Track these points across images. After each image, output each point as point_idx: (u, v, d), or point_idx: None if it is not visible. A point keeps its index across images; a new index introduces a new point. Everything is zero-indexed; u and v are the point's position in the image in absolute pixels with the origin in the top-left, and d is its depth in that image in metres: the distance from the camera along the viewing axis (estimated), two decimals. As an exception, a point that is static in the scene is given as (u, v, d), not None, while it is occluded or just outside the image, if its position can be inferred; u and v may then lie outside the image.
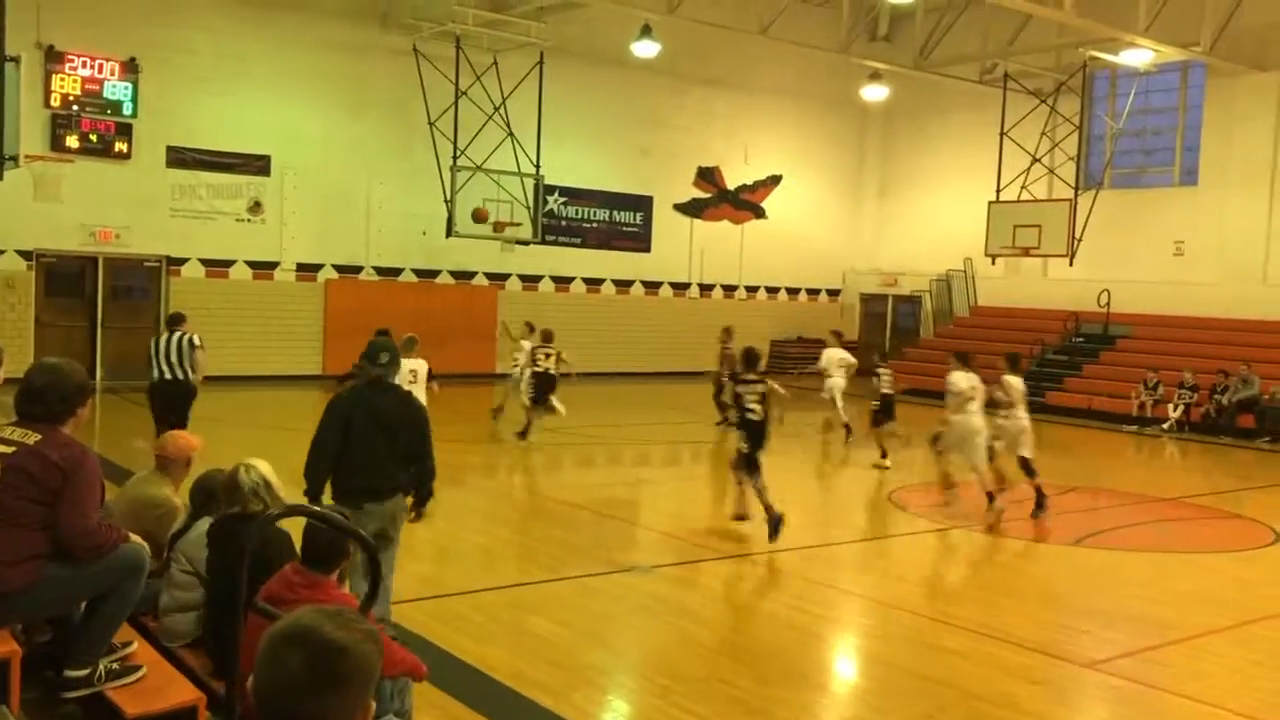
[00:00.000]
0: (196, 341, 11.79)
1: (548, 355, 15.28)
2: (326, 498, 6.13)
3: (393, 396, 6.35)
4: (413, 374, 12.12)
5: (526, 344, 15.85)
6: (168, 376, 11.64)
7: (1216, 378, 19.19)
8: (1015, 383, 11.77)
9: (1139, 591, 8.66)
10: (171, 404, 11.72)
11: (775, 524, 9.59)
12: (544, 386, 15.15)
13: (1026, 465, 11.42)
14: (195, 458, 6.08)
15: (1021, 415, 11.66)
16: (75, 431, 4.54)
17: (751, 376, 10.24)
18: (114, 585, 4.57)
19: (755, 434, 10.00)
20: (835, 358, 16.26)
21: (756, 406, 10.01)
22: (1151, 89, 23.73)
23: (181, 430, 6.31)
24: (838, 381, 16.17)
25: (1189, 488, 14.70)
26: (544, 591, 8.02)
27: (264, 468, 5.11)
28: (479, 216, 20.91)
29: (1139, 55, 20.73)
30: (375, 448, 6.04)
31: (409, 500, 6.34)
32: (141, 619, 5.28)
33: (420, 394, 11.74)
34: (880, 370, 14.97)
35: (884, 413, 14.78)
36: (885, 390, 14.85)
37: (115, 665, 4.63)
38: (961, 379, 11.52)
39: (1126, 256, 23.38)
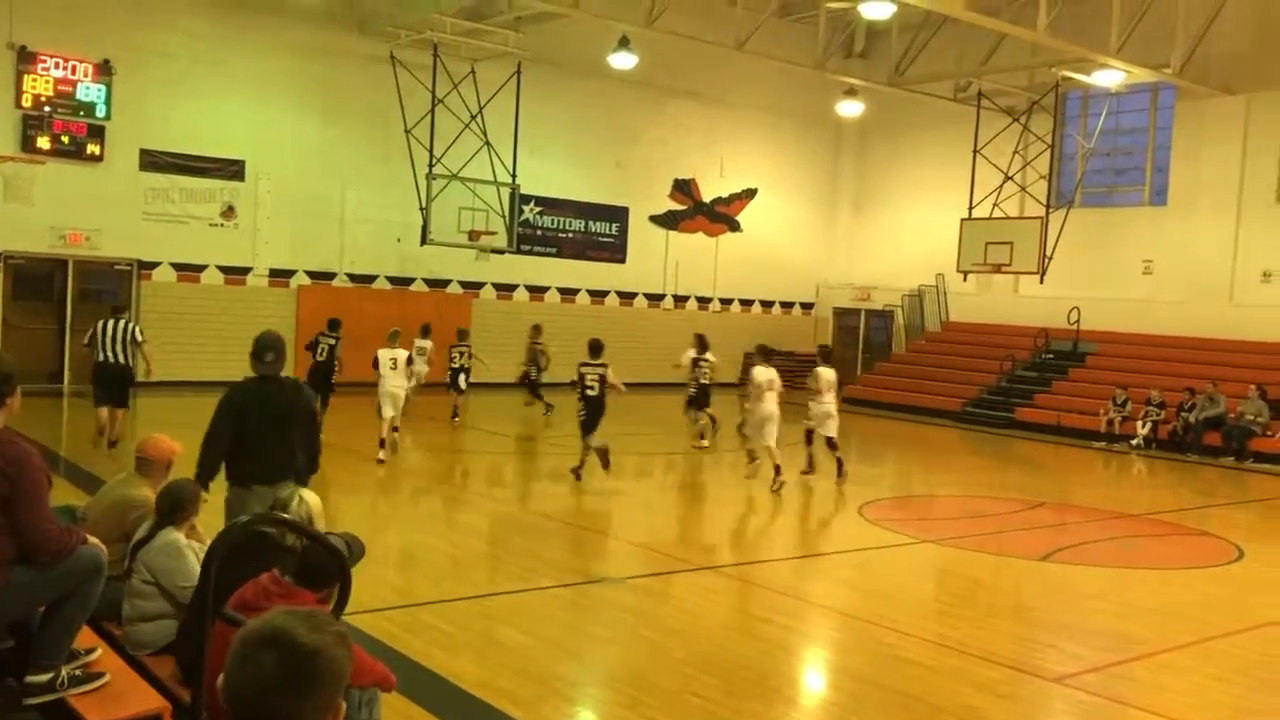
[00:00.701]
0: (139, 337, 13.33)
1: (462, 354, 18.02)
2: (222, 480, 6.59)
3: (283, 390, 6.76)
4: (393, 360, 14.18)
5: (423, 343, 17.34)
6: (112, 360, 13.00)
7: (1183, 395, 19.40)
8: (823, 373, 13.88)
9: (1105, 606, 8.73)
10: (114, 386, 13.11)
11: (577, 471, 12.83)
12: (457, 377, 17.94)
13: (831, 443, 13.84)
14: (176, 462, 6.04)
15: (827, 401, 13.78)
16: (9, 421, 4.47)
17: (594, 361, 12.84)
18: (74, 588, 4.52)
19: (593, 406, 12.80)
20: (686, 359, 17.30)
21: (595, 385, 12.72)
22: (1122, 110, 24.03)
23: (162, 435, 6.30)
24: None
25: (1155, 504, 14.85)
26: (513, 602, 8.00)
27: (314, 504, 5.05)
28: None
29: (1110, 76, 20.98)
30: (267, 439, 6.50)
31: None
32: (106, 625, 5.23)
33: (401, 378, 14.18)
34: (702, 362, 16.83)
35: (699, 400, 16.78)
36: (703, 381, 16.71)
37: (78, 672, 4.58)
38: (760, 373, 13.52)
39: (1096, 274, 23.62)
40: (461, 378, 18.01)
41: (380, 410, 13.92)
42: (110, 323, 13.17)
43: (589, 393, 12.77)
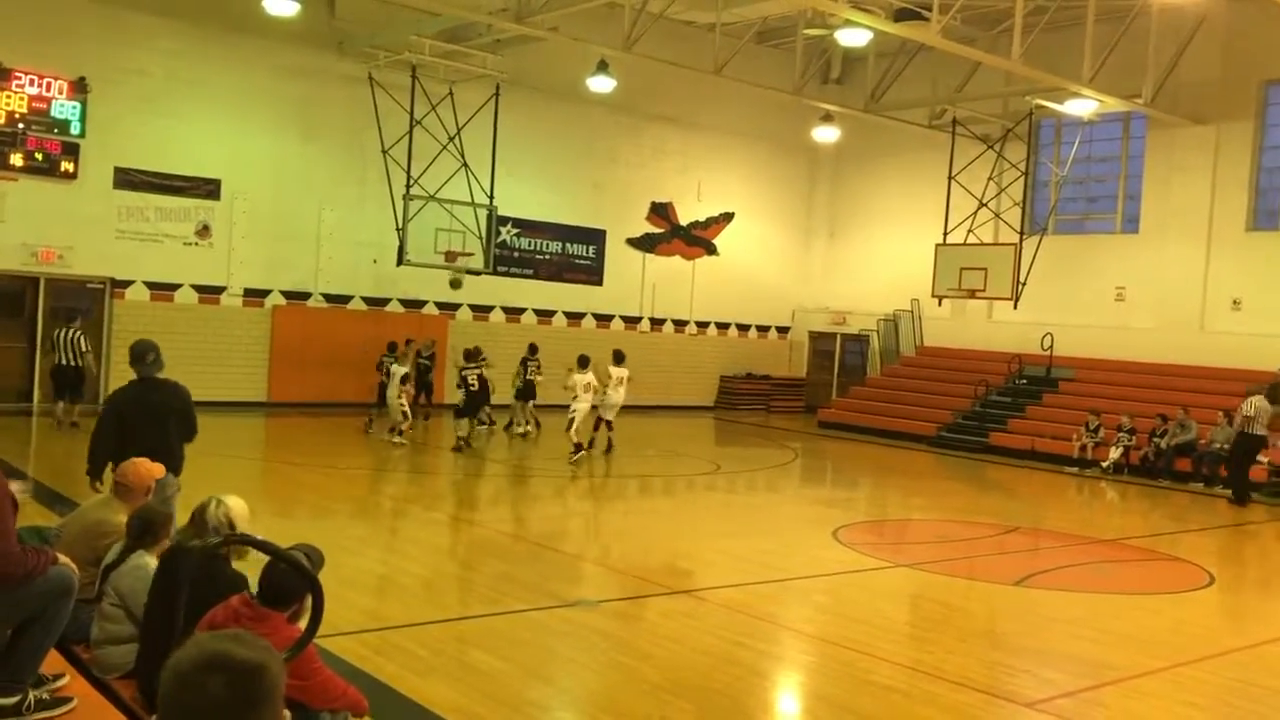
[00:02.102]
0: (84, 346, 16.73)
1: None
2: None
3: (162, 391, 7.56)
4: (388, 373, 17.83)
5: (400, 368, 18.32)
6: (67, 363, 16.41)
7: (1155, 422, 19.54)
8: (613, 371, 17.56)
9: (1078, 632, 8.76)
10: (70, 384, 16.40)
11: (459, 448, 16.80)
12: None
13: (608, 424, 17.66)
14: (155, 486, 5.99)
15: (613, 393, 17.44)
16: None
17: (471, 364, 17.44)
18: (42, 609, 4.46)
19: (473, 397, 17.27)
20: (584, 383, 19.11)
21: (475, 381, 17.24)
22: (1095, 138, 24.31)
23: (142, 458, 6.27)
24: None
25: (1127, 529, 14.94)
26: (486, 625, 7.95)
27: (235, 507, 5.01)
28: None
29: (1083, 105, 21.24)
30: (147, 435, 7.23)
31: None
32: (73, 648, 5.17)
33: (394, 388, 17.49)
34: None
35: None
36: (530, 378, 19.47)
37: (45, 695, 4.52)
38: (579, 378, 16.92)
39: (1069, 301, 23.84)
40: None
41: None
42: (65, 330, 16.68)
43: (471, 388, 17.20)
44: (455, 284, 22.00)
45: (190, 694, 1.86)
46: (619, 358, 17.95)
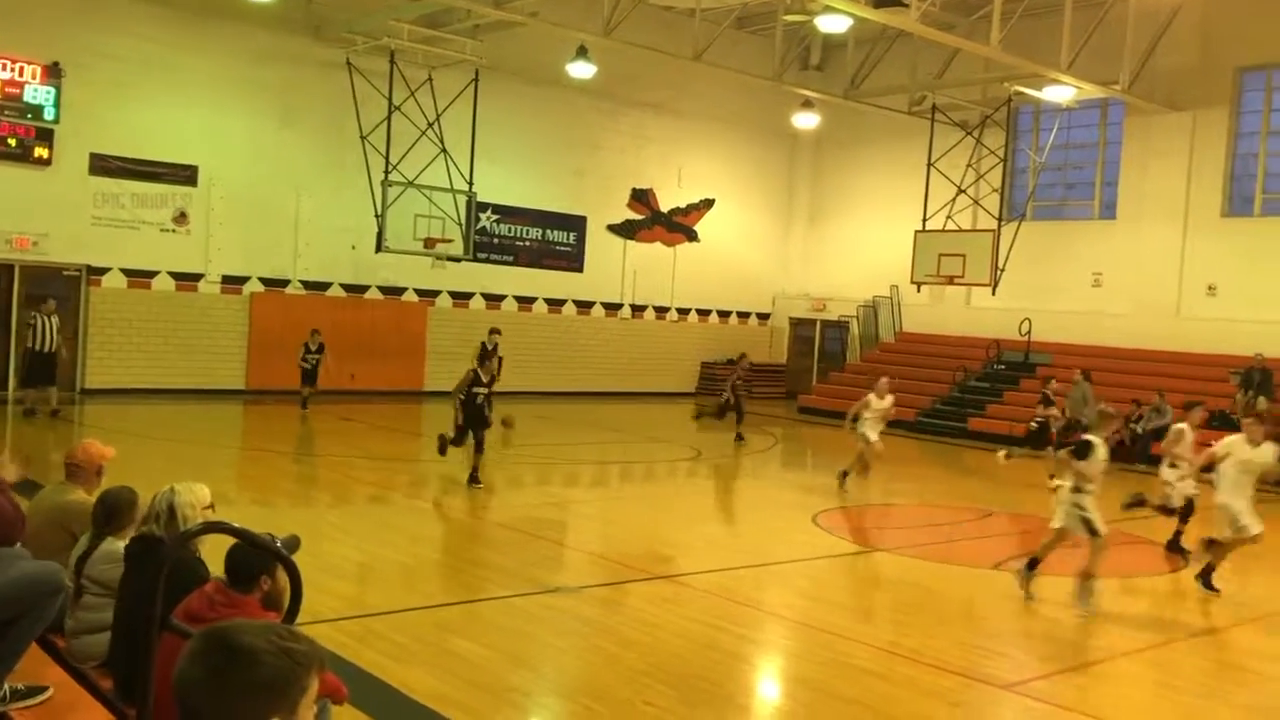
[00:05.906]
0: (56, 330, 17.14)
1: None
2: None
3: None
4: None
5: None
6: (40, 349, 16.89)
7: (1130, 407, 19.68)
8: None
9: (1055, 614, 8.84)
10: (45, 368, 16.94)
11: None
12: None
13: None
14: (107, 467, 5.92)
15: None
16: None
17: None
18: (30, 606, 4.45)
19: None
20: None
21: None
22: (1073, 125, 24.41)
23: (94, 440, 6.20)
24: None
25: (1103, 513, 15.02)
26: (467, 612, 7.95)
27: (184, 494, 4.95)
28: None
29: (1061, 92, 21.33)
30: None
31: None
32: (49, 637, 5.14)
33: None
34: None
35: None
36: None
37: (21, 686, 4.50)
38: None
39: (1047, 287, 23.96)
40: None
41: None
42: (40, 315, 16.98)
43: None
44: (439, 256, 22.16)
45: (181, 662, 1.91)
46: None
